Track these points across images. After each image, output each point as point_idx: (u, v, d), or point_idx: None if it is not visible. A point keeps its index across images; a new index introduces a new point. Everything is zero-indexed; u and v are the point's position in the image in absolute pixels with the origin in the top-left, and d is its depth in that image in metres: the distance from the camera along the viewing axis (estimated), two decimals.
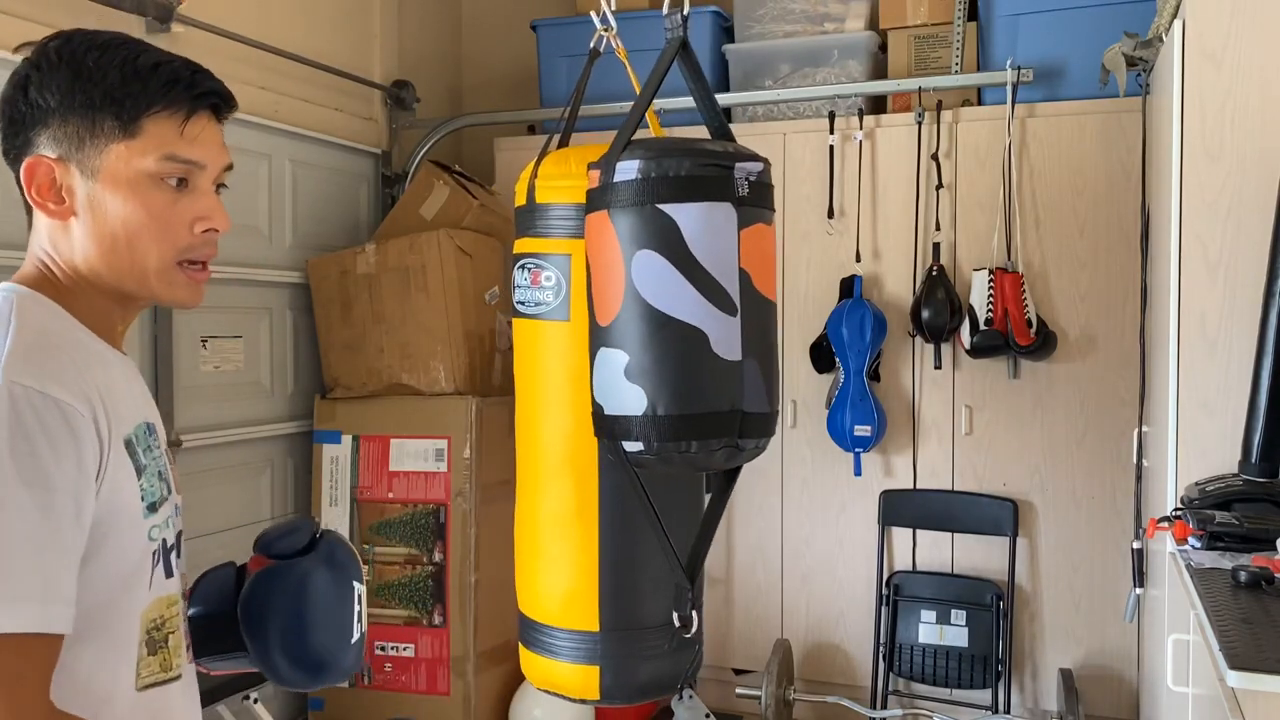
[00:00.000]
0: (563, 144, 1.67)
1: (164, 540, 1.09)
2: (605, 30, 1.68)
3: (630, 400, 1.38)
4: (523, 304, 1.59)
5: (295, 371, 3.31)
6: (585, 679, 1.58)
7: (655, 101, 1.57)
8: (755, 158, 1.44)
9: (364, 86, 3.59)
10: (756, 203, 1.43)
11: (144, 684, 1.06)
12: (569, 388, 1.54)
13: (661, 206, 1.36)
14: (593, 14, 1.67)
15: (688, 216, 1.36)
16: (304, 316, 3.33)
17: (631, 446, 1.40)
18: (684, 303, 1.36)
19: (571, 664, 1.58)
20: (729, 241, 1.39)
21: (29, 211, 1.09)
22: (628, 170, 1.38)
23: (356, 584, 1.25)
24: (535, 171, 1.58)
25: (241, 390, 3.10)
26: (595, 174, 1.43)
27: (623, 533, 1.56)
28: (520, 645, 1.68)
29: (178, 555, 1.16)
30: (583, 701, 1.62)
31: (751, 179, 1.42)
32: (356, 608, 1.25)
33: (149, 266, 1.08)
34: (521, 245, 1.60)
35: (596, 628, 1.56)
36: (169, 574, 1.11)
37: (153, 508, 1.06)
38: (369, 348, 3.21)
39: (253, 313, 3.15)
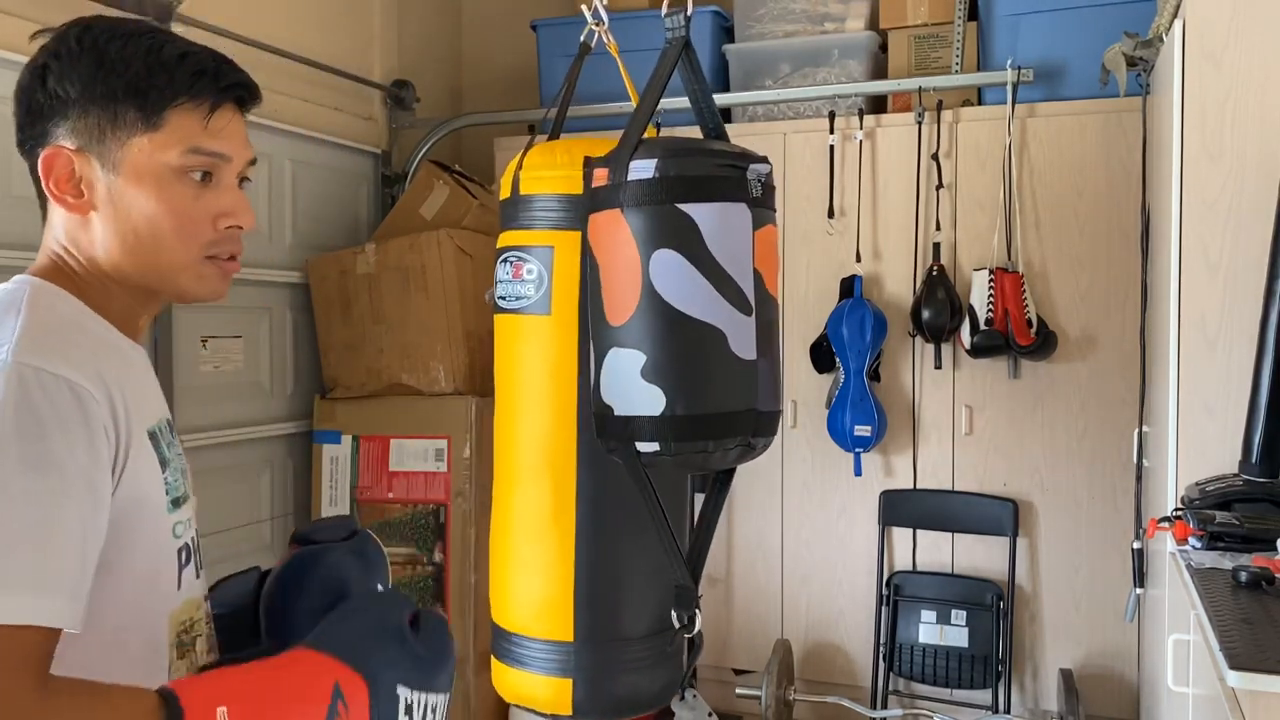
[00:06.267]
0: (552, 139, 1.65)
1: (191, 538, 1.06)
2: (597, 25, 1.66)
3: (647, 400, 1.35)
4: (504, 299, 1.55)
5: (295, 371, 3.31)
6: (557, 692, 1.51)
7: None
8: (764, 159, 1.43)
9: (364, 86, 3.58)
10: (766, 204, 1.42)
11: None
12: (549, 384, 1.50)
13: (680, 206, 1.34)
14: (584, 8, 1.66)
15: (706, 216, 1.35)
16: (304, 316, 3.33)
17: (647, 447, 1.37)
18: (703, 302, 1.35)
19: (543, 675, 1.52)
20: (745, 241, 1.38)
21: (43, 203, 1.06)
22: (643, 169, 1.35)
23: (381, 587, 1.20)
24: (520, 163, 1.55)
25: (241, 390, 3.10)
26: (603, 172, 1.40)
27: (602, 537, 1.50)
28: (492, 658, 1.61)
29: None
30: (554, 717, 1.54)
31: (762, 180, 1.41)
32: None
33: (174, 263, 1.04)
34: (505, 239, 1.56)
35: (571, 637, 1.50)
36: (197, 573, 1.08)
37: (176, 503, 1.03)
38: (369, 348, 3.21)
39: (252, 313, 3.15)
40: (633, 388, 1.36)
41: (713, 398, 1.36)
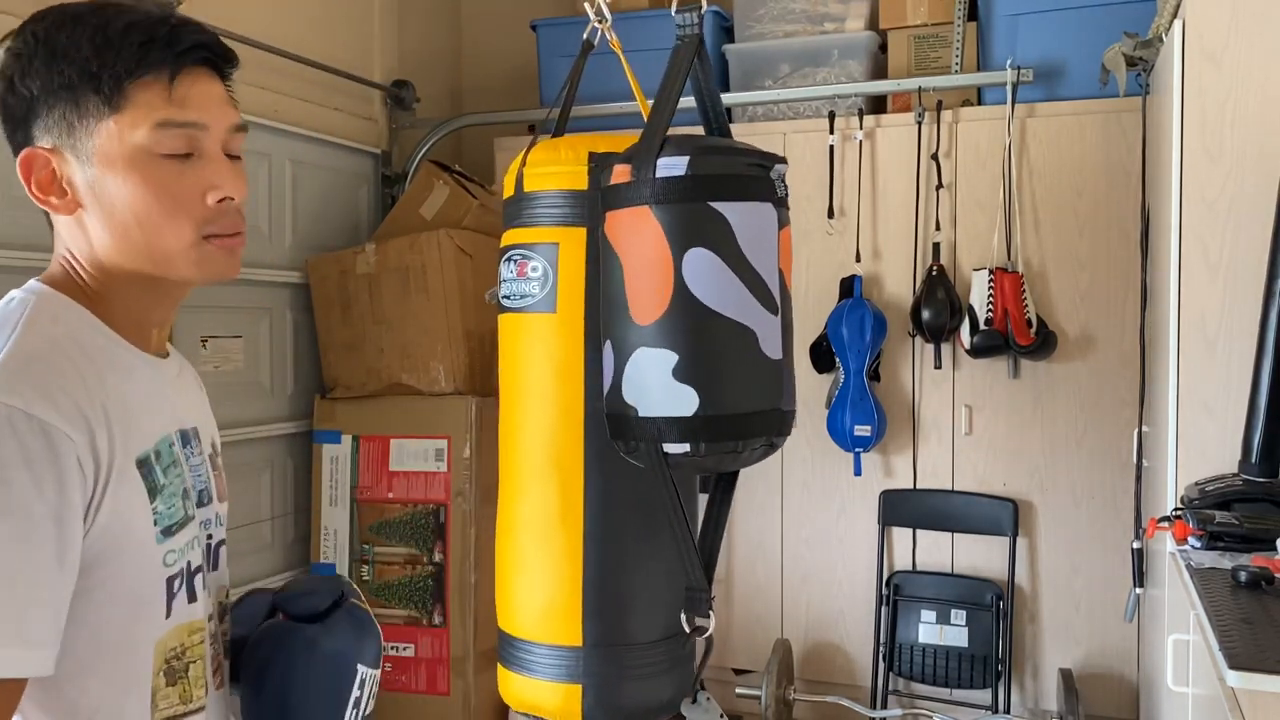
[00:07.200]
0: (556, 136, 1.64)
1: (187, 564, 1.02)
2: (600, 23, 1.66)
3: (678, 401, 1.33)
4: (508, 298, 1.53)
5: (295, 371, 3.31)
6: (566, 699, 1.48)
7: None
8: (783, 160, 1.43)
9: (364, 86, 3.59)
10: (786, 204, 1.43)
11: (161, 717, 0.99)
12: (555, 383, 1.48)
13: (713, 204, 1.33)
14: (587, 5, 1.66)
15: (739, 215, 1.34)
16: (304, 316, 3.33)
17: (676, 449, 1.34)
18: (736, 301, 1.33)
19: (551, 682, 1.49)
20: (771, 241, 1.37)
21: (48, 212, 1.02)
22: (674, 166, 1.34)
23: (363, 668, 1.13)
24: (524, 160, 1.54)
25: (241, 390, 3.10)
26: (624, 169, 1.39)
27: (610, 538, 1.48)
28: (499, 665, 1.59)
29: (214, 567, 1.10)
30: None
31: (783, 180, 1.42)
32: (355, 693, 1.13)
33: (169, 248, 0.98)
34: (508, 237, 1.55)
35: (579, 642, 1.47)
36: (192, 598, 1.03)
37: (169, 531, 0.98)
38: (369, 348, 3.21)
39: (253, 313, 3.15)
40: (662, 388, 1.34)
41: (746, 397, 1.36)
